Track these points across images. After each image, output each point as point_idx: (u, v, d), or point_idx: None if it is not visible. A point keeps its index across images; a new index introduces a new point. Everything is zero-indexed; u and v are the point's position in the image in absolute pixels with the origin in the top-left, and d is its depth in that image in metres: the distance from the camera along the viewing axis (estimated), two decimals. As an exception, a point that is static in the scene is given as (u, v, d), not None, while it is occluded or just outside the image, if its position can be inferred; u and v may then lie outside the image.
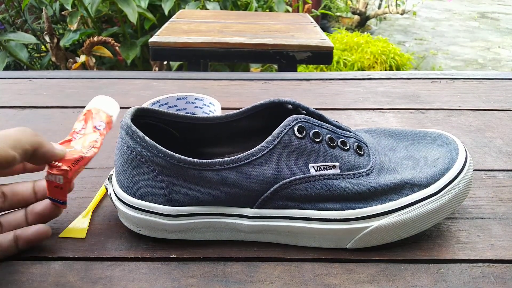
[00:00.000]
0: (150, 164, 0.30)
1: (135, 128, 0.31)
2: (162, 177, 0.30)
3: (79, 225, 0.35)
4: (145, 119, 0.34)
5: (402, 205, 0.31)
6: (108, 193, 0.34)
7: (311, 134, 0.31)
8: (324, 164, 0.31)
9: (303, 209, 0.31)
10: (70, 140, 0.35)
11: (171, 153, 0.30)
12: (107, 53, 1.50)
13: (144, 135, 0.30)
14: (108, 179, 0.35)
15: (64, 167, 0.32)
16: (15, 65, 1.82)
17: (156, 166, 0.30)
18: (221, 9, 1.74)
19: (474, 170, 0.42)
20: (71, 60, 1.53)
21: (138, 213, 0.32)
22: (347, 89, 0.65)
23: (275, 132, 0.31)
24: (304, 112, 0.34)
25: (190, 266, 0.31)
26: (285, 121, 0.31)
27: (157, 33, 1.10)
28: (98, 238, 0.34)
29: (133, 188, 0.31)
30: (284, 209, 0.31)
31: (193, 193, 0.31)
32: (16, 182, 0.34)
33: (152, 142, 0.30)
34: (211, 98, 0.48)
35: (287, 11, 1.97)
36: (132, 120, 0.32)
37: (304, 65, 2.36)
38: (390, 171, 0.33)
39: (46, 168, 0.32)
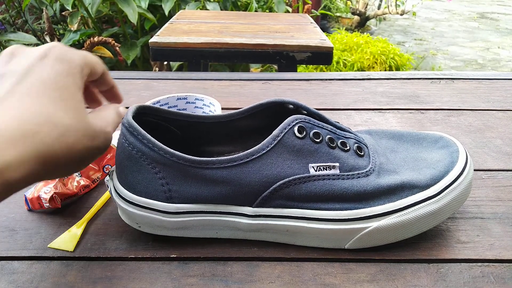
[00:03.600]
0: (151, 161, 0.30)
1: (136, 125, 0.31)
2: (162, 174, 0.31)
3: (70, 236, 0.33)
4: (146, 117, 0.34)
5: (401, 206, 0.31)
6: (109, 189, 0.34)
7: (311, 134, 0.31)
8: (324, 164, 0.31)
9: (302, 208, 0.31)
10: None
11: (172, 150, 0.30)
12: (107, 53, 1.51)
13: (145, 133, 0.30)
14: (109, 175, 0.35)
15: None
16: (15, 65, 1.82)
17: (156, 163, 0.30)
18: (221, 9, 1.74)
19: (474, 170, 0.42)
20: (71, 60, 1.53)
21: (138, 210, 0.32)
22: (347, 89, 0.65)
23: (275, 132, 0.31)
24: (305, 112, 0.34)
25: (191, 265, 0.31)
26: (286, 121, 0.31)
27: (157, 33, 1.11)
28: (98, 238, 0.34)
29: (133, 185, 0.31)
30: (283, 208, 0.31)
31: (192, 190, 0.31)
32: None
33: (153, 139, 0.30)
34: (211, 98, 0.48)
35: (287, 11, 1.97)
36: (134, 117, 0.32)
37: (304, 65, 2.36)
38: (390, 173, 0.33)
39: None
